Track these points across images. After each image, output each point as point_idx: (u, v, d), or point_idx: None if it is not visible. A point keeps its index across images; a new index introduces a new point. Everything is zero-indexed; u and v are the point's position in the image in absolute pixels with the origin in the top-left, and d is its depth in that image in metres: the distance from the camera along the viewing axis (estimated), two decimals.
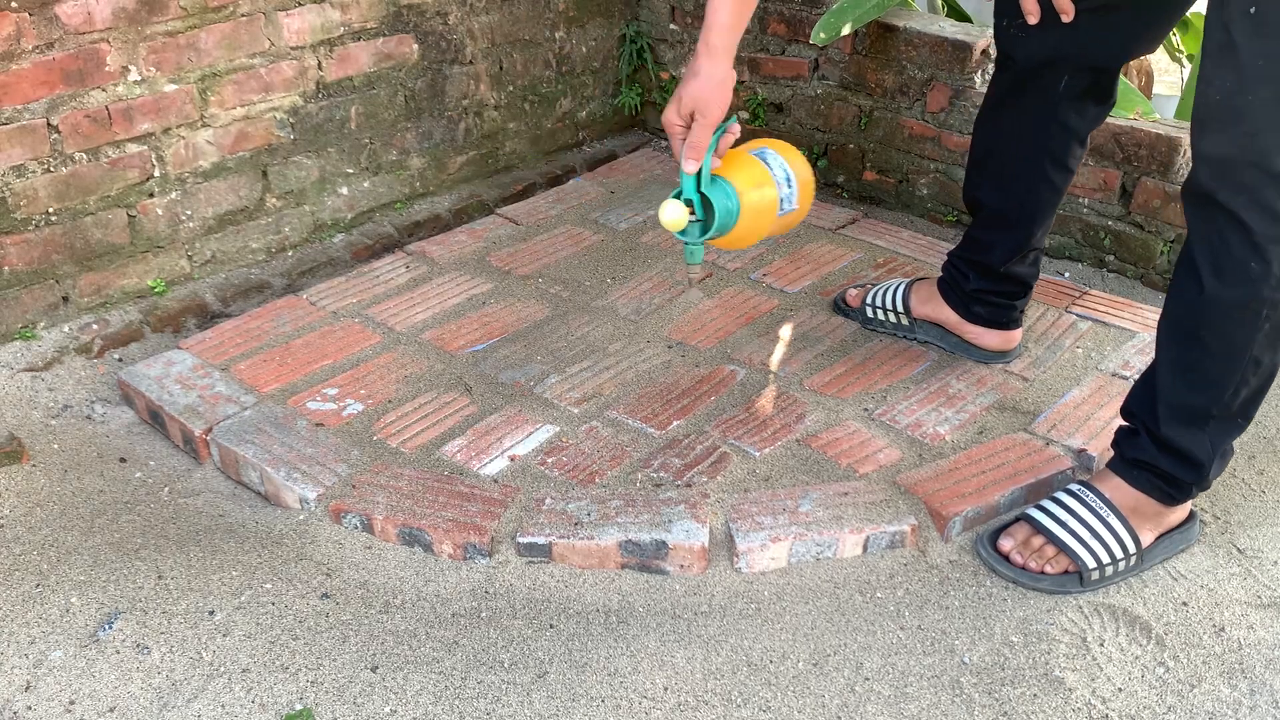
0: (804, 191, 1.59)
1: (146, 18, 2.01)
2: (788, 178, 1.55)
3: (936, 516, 1.62)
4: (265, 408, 1.83)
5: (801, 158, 1.61)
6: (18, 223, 1.96)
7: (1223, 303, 1.37)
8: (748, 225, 1.52)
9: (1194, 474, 1.49)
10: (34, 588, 1.53)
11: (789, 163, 1.57)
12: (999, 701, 1.37)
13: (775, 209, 1.55)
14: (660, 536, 1.55)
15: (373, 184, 2.47)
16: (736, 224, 1.50)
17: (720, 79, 1.47)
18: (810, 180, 1.60)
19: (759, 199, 1.52)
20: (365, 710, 1.36)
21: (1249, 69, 1.26)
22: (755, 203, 1.52)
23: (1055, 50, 1.63)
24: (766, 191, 1.53)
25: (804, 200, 1.59)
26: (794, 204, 1.57)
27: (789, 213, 1.59)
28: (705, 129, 1.45)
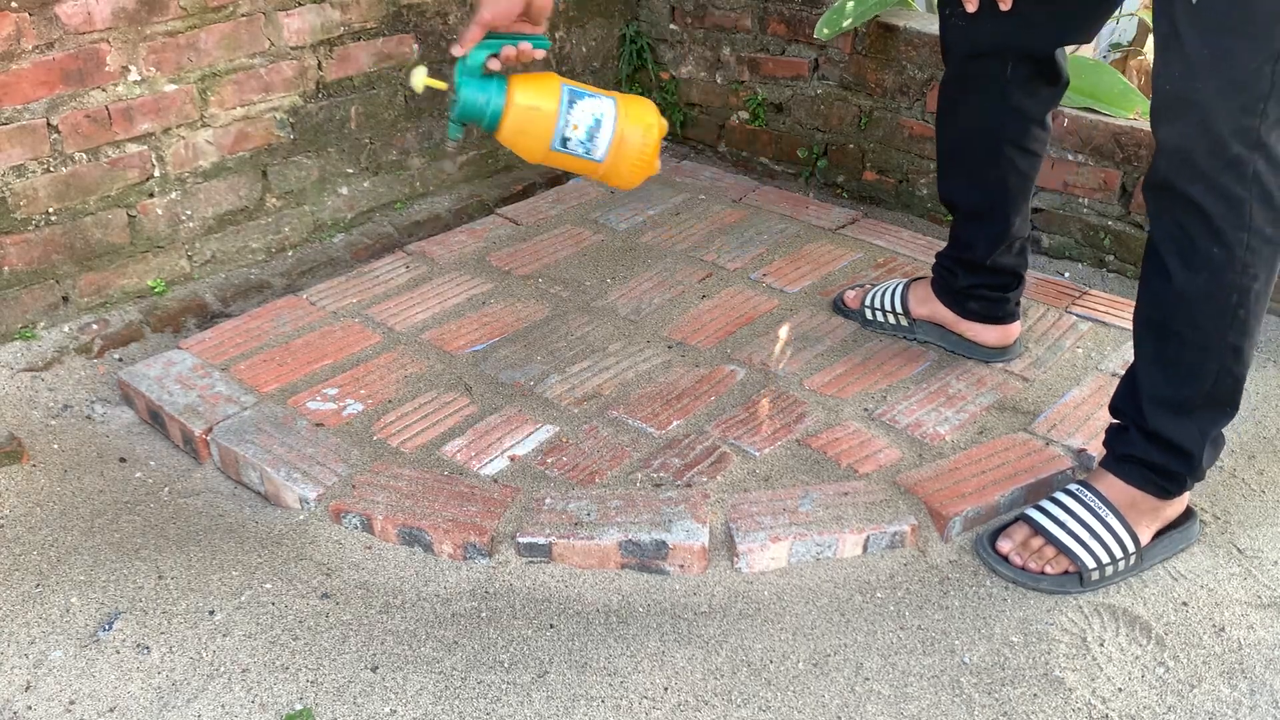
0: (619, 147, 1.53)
1: (146, 18, 2.01)
2: (593, 125, 1.51)
3: (936, 516, 1.62)
4: (265, 408, 1.83)
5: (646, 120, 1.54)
6: (18, 223, 1.96)
7: (1191, 293, 1.38)
8: (513, 136, 1.51)
9: (1185, 464, 1.49)
10: (34, 588, 1.54)
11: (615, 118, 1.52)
12: (999, 701, 1.37)
13: (549, 137, 1.51)
14: (660, 536, 1.55)
15: (373, 184, 2.47)
16: (500, 128, 1.50)
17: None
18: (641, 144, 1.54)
19: (523, 116, 1.49)
20: (365, 710, 1.36)
21: (1195, 58, 1.28)
22: (518, 118, 1.49)
23: (994, 39, 1.65)
24: (538, 115, 1.50)
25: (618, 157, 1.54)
26: (595, 154, 1.53)
27: (584, 159, 1.54)
28: (472, 24, 1.45)
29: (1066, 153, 2.28)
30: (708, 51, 2.77)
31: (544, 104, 1.50)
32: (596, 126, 1.52)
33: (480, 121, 1.50)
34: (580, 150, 1.54)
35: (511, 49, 1.48)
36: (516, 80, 1.51)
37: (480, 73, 1.48)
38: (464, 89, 1.48)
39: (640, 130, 1.54)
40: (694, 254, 2.33)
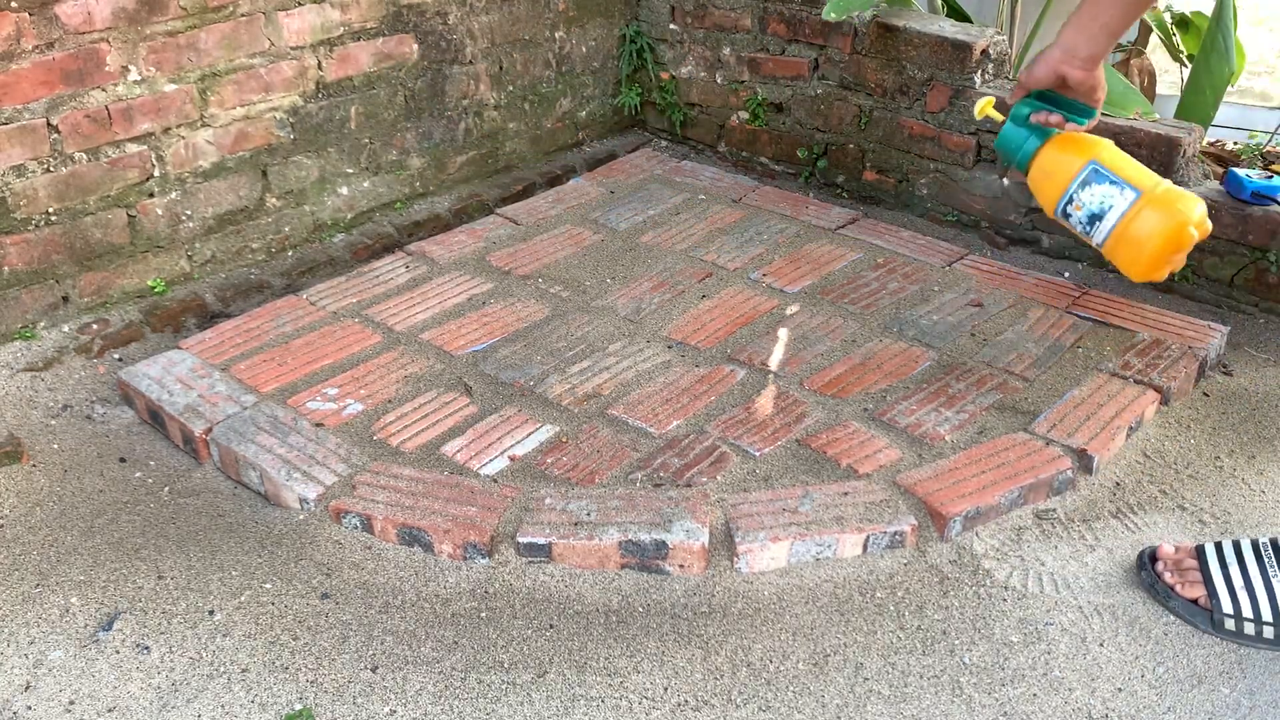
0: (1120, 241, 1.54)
1: (146, 18, 2.01)
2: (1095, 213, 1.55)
3: (936, 516, 1.62)
4: (265, 407, 1.83)
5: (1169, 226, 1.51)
6: (18, 223, 1.96)
7: None
8: (1033, 184, 1.62)
9: None
10: (34, 588, 1.54)
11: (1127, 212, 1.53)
12: (999, 701, 1.37)
13: (1053, 203, 1.59)
14: (660, 536, 1.55)
15: (373, 184, 2.47)
16: (1028, 173, 1.61)
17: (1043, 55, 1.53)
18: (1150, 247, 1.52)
19: (1038, 175, 1.60)
20: (365, 710, 1.36)
21: None
22: (1036, 173, 1.60)
23: None
24: (1050, 181, 1.58)
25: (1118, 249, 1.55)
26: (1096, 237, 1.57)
27: (1083, 235, 1.59)
28: (1020, 85, 1.57)
29: None
30: (708, 51, 2.77)
31: (1057, 173, 1.58)
32: (1099, 214, 1.55)
33: (1012, 163, 1.62)
34: (1079, 228, 1.59)
35: (1045, 114, 1.56)
36: (1058, 140, 1.58)
37: (1024, 122, 1.58)
38: (1005, 129, 1.61)
39: (1153, 235, 1.51)
40: (694, 254, 2.33)
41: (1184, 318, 2.07)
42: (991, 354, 1.98)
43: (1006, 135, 1.61)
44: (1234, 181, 2.12)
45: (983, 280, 2.22)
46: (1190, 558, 1.50)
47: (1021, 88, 1.57)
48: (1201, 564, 1.48)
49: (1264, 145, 2.86)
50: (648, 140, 2.96)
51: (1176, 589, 1.48)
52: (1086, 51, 1.51)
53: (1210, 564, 1.47)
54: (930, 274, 2.24)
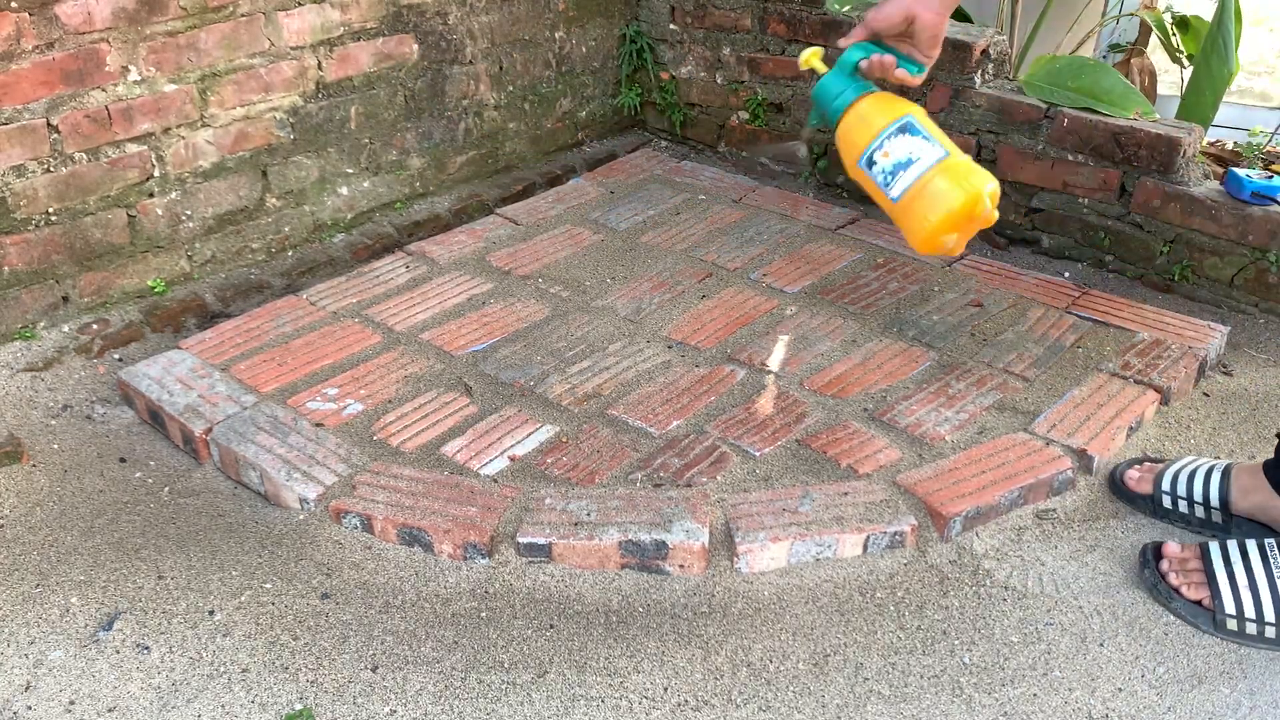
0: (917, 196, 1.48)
1: (146, 18, 2.01)
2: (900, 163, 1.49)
3: (936, 516, 1.62)
4: (265, 408, 1.83)
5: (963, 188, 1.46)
6: (18, 223, 1.96)
7: None
8: (841, 137, 1.55)
9: None
10: (34, 588, 1.54)
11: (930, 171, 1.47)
12: (999, 701, 1.37)
13: (858, 151, 1.53)
14: (660, 536, 1.55)
15: (373, 184, 2.47)
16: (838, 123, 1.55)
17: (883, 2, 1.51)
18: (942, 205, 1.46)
19: (849, 124, 1.54)
20: (365, 710, 1.36)
21: None
22: (851, 121, 1.54)
23: None
24: (864, 125, 1.52)
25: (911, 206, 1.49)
26: (891, 191, 1.51)
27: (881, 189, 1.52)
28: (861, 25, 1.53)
29: (1066, 153, 2.28)
30: (708, 51, 2.77)
31: (873, 119, 1.52)
32: (904, 164, 1.49)
33: (825, 111, 1.56)
34: (880, 179, 1.52)
35: (879, 57, 1.51)
36: (875, 94, 1.55)
37: (850, 70, 1.53)
38: (827, 76, 1.55)
39: (950, 193, 1.46)
40: (694, 254, 2.33)
41: (1184, 318, 2.07)
42: (991, 354, 1.98)
43: (827, 83, 1.55)
44: (1234, 181, 2.12)
45: (983, 280, 2.22)
46: (1195, 557, 1.49)
47: (865, 28, 1.52)
48: (1206, 563, 1.47)
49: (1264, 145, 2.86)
50: (648, 140, 2.96)
51: (1181, 590, 1.48)
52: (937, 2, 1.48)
53: (1215, 563, 1.46)
54: (930, 274, 2.24)
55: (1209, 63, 2.46)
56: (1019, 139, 2.33)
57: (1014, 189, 2.38)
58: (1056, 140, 2.28)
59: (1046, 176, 2.32)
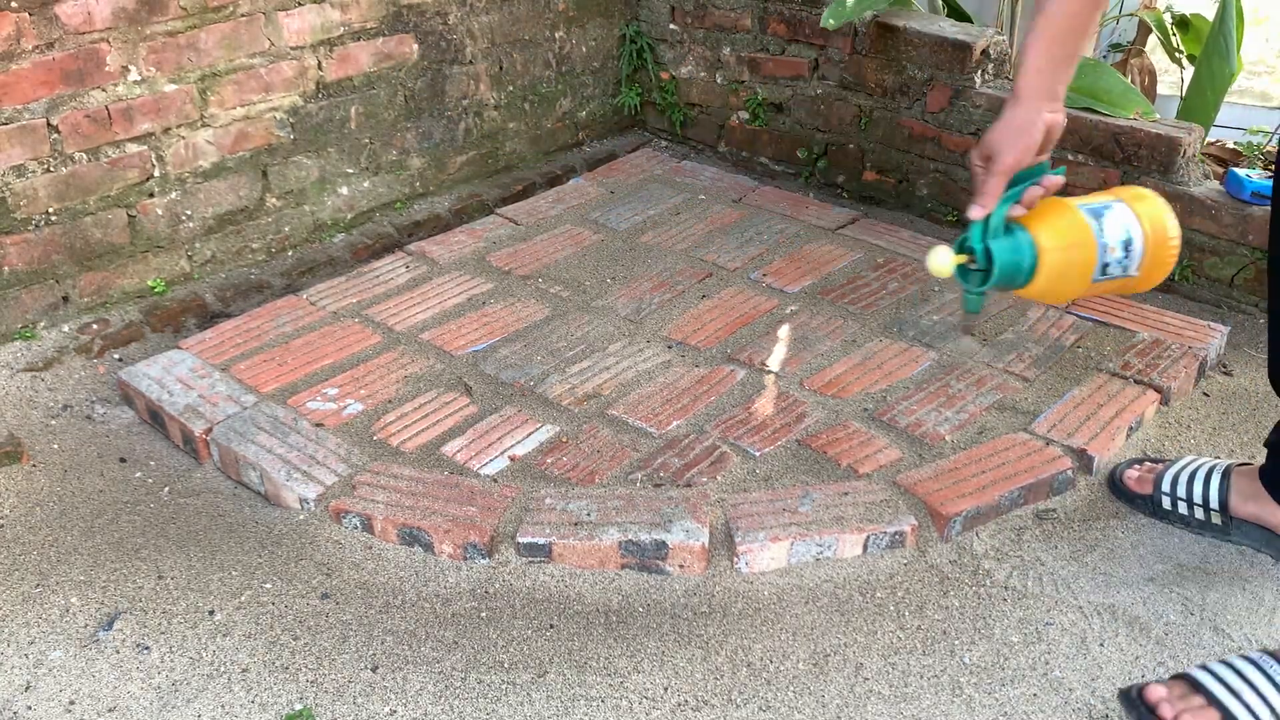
0: (1154, 254, 1.34)
1: (146, 18, 2.01)
2: (1126, 240, 1.33)
3: (936, 516, 1.62)
4: (265, 407, 1.83)
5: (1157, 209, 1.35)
6: (18, 223, 1.96)
7: None
8: (1050, 284, 1.35)
9: None
10: (34, 588, 1.54)
11: (1137, 222, 1.33)
12: (999, 701, 1.37)
13: (1090, 271, 1.34)
14: (660, 536, 1.55)
15: (373, 184, 2.47)
16: (1033, 281, 1.34)
17: (1019, 124, 1.29)
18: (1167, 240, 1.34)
19: (1063, 260, 1.32)
20: (365, 710, 1.36)
21: None
22: (1058, 263, 1.32)
23: None
24: (1077, 253, 1.32)
25: (1151, 264, 1.35)
26: (1132, 269, 1.34)
27: (1121, 278, 1.36)
28: (994, 175, 1.30)
29: (1066, 153, 2.28)
30: (708, 51, 2.77)
31: (1078, 237, 1.32)
32: (1129, 241, 1.33)
33: (1012, 282, 1.34)
34: (1119, 270, 1.35)
35: (1037, 190, 1.31)
36: (1038, 215, 1.34)
37: (1004, 222, 1.32)
38: (999, 254, 1.31)
39: (1164, 224, 1.34)
40: (694, 254, 2.33)
41: (1184, 318, 2.07)
42: (991, 354, 1.98)
43: (1005, 260, 1.32)
44: (1234, 181, 2.13)
45: None
46: (1191, 691, 1.31)
47: (1004, 178, 1.29)
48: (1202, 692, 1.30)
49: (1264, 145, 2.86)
50: (648, 140, 2.96)
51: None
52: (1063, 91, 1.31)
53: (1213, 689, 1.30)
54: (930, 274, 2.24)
55: (1210, 62, 2.46)
56: None
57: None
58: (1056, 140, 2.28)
59: None
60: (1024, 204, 1.31)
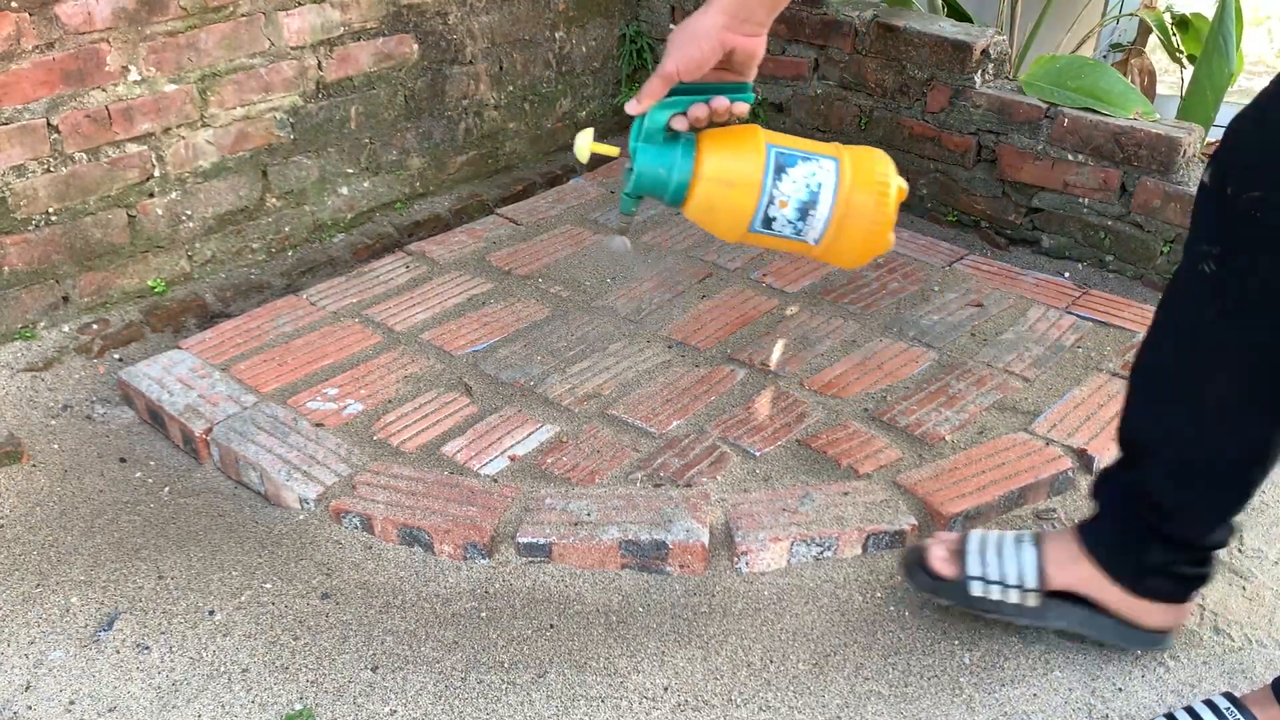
0: (844, 230, 1.21)
1: (146, 18, 2.01)
2: (806, 202, 1.20)
3: (936, 516, 1.62)
4: (265, 407, 1.83)
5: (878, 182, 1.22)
6: (18, 223, 1.96)
7: None
8: (701, 214, 1.22)
9: None
10: (34, 588, 1.54)
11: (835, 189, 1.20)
12: (999, 701, 1.37)
13: (746, 217, 1.21)
14: (660, 536, 1.55)
15: (373, 184, 2.47)
16: (686, 204, 1.21)
17: (690, 31, 1.17)
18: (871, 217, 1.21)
19: (714, 193, 1.20)
20: (365, 710, 1.36)
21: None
22: (707, 194, 1.20)
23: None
24: (734, 193, 1.20)
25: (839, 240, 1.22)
26: (807, 235, 1.22)
27: (794, 240, 1.23)
28: (655, 76, 1.17)
29: (1066, 152, 2.28)
30: None
31: (742, 175, 1.19)
32: (812, 200, 1.20)
33: (661, 196, 1.21)
34: (789, 231, 1.22)
35: (703, 107, 1.18)
36: (708, 140, 1.20)
37: (662, 136, 1.19)
38: (641, 157, 1.19)
39: (872, 197, 1.21)
40: (694, 254, 2.33)
41: None
42: (991, 354, 1.98)
43: (648, 162, 1.19)
44: None
45: (983, 280, 2.22)
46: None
47: (665, 81, 1.16)
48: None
49: None
50: None
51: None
52: (765, 10, 1.16)
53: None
54: (930, 274, 2.24)
55: (1210, 62, 2.46)
56: (1019, 139, 2.33)
57: (1014, 189, 2.38)
58: (1057, 140, 2.28)
59: (1046, 176, 2.32)
60: (689, 118, 1.18)
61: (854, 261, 1.26)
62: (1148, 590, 1.36)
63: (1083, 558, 1.37)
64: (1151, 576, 1.35)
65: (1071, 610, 1.40)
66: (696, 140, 1.20)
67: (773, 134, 1.23)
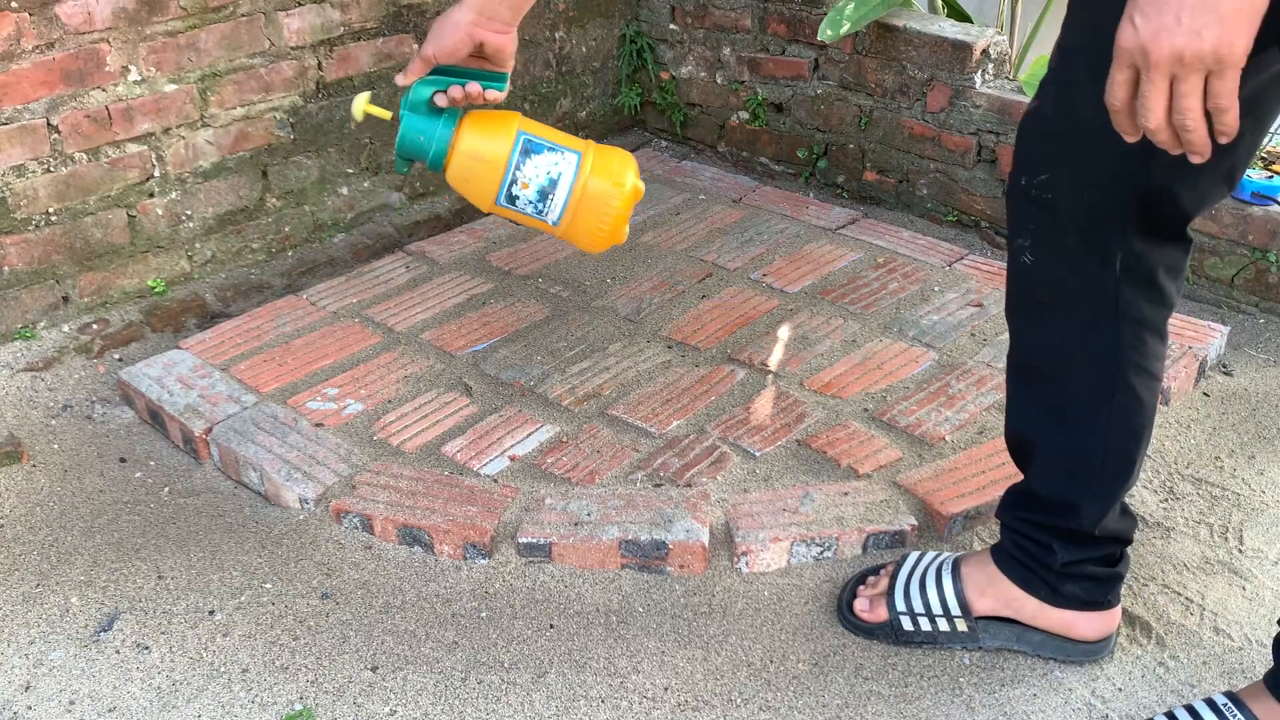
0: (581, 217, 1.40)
1: (146, 18, 2.01)
2: (545, 185, 1.38)
3: (936, 516, 1.62)
4: (265, 407, 1.83)
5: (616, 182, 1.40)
6: (18, 223, 1.97)
7: None
8: (457, 182, 1.40)
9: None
10: (34, 588, 1.54)
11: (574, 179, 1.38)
12: (999, 701, 1.37)
13: (493, 191, 1.39)
14: (660, 536, 1.55)
15: (373, 184, 2.47)
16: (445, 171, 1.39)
17: (443, 21, 1.33)
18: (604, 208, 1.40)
19: (466, 166, 1.38)
20: (365, 710, 1.36)
21: None
22: (461, 166, 1.38)
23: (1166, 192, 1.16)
24: (482, 168, 1.37)
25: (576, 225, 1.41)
26: (547, 215, 1.40)
27: (536, 219, 1.41)
28: (418, 57, 1.35)
29: None
30: (708, 51, 2.77)
31: (490, 154, 1.37)
32: (551, 186, 1.38)
33: (423, 160, 1.39)
34: (530, 210, 1.40)
35: (458, 89, 1.35)
36: (470, 121, 1.38)
37: (425, 108, 1.36)
38: (404, 123, 1.37)
39: (606, 193, 1.39)
40: (694, 254, 2.33)
41: (1184, 318, 2.07)
42: (991, 354, 1.98)
43: (410, 128, 1.36)
44: None
45: (983, 280, 2.22)
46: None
47: (424, 63, 1.33)
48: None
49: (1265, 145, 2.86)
50: (648, 140, 2.96)
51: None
52: (509, 11, 1.32)
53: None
54: (930, 274, 2.24)
55: None
56: None
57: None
58: None
59: None
60: (448, 97, 1.35)
61: (591, 245, 1.43)
62: (1065, 599, 1.37)
63: (999, 579, 1.40)
64: (1064, 582, 1.36)
65: (1003, 629, 1.42)
66: (461, 117, 1.38)
67: (531, 123, 1.41)
